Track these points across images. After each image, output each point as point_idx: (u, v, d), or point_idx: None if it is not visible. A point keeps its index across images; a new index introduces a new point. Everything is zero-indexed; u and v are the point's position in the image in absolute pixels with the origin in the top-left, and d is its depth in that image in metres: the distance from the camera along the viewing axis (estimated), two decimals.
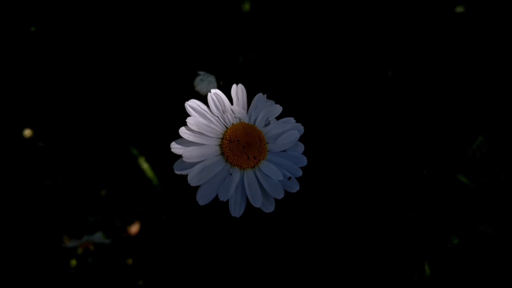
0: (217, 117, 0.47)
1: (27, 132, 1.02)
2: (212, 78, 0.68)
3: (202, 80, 0.68)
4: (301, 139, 1.01)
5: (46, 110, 1.08)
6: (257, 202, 0.45)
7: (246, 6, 1.05)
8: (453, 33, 1.03)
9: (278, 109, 0.48)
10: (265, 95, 0.48)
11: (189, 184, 0.44)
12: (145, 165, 1.06)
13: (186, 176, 0.45)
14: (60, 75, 1.08)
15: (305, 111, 1.05)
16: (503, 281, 0.88)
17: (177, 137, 0.45)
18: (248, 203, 0.46)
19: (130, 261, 1.04)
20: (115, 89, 1.10)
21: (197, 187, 0.44)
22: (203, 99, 0.56)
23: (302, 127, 0.47)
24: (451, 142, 0.98)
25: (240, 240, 0.99)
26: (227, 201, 0.45)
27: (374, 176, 1.01)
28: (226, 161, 0.47)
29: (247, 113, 0.48)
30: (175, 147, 0.45)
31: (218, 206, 0.46)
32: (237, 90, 0.49)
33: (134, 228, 1.06)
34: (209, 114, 0.47)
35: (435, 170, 0.98)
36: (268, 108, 0.48)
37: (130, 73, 1.09)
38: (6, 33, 1.03)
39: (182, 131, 0.45)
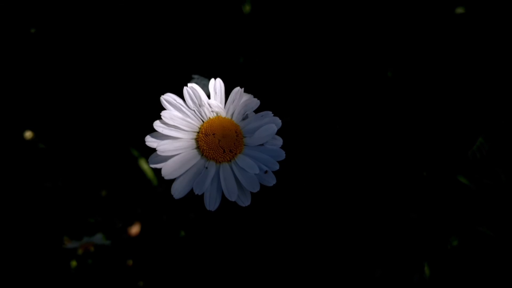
0: (193, 111, 0.47)
1: (28, 134, 1.03)
2: (206, 82, 0.68)
3: (197, 84, 0.68)
4: (301, 139, 1.01)
5: (47, 112, 1.09)
6: (232, 196, 0.44)
7: (247, 8, 1.05)
8: (453, 34, 1.02)
9: (256, 102, 0.48)
10: (243, 88, 0.48)
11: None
12: (145, 166, 1.07)
13: None
14: (60, 77, 1.09)
15: (304, 112, 1.05)
16: (503, 282, 0.87)
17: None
18: (224, 197, 0.45)
19: (130, 262, 1.04)
20: (115, 91, 1.11)
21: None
22: None
23: (280, 120, 0.47)
24: (451, 143, 0.97)
25: (237, 241, 0.98)
26: (203, 195, 0.45)
27: (374, 177, 1.00)
28: (202, 155, 0.47)
29: (224, 107, 0.48)
30: (150, 140, 0.45)
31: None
32: (215, 84, 0.49)
33: (135, 229, 1.06)
34: (185, 108, 0.47)
35: (435, 171, 0.97)
36: (245, 102, 0.47)
37: (130, 76, 1.10)
38: (6, 35, 1.04)
39: (157, 124, 0.45)
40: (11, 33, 1.04)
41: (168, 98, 0.46)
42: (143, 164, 1.09)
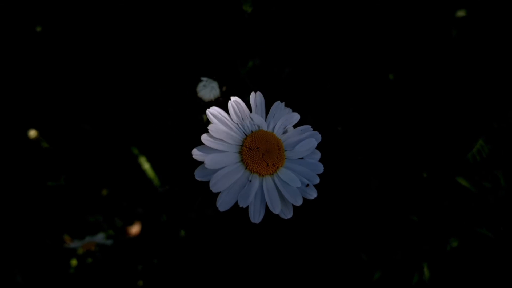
0: (237, 124, 0.48)
1: (32, 133, 1.02)
2: (215, 84, 0.68)
3: (205, 86, 0.68)
4: None
5: (51, 111, 1.08)
6: (276, 208, 0.45)
7: (248, 8, 1.05)
8: (454, 37, 1.04)
9: (296, 117, 0.49)
10: (283, 103, 0.48)
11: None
12: (146, 166, 1.07)
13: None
14: (64, 77, 1.08)
15: (309, 114, 1.06)
16: (502, 283, 0.90)
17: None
18: (267, 210, 0.46)
19: (130, 261, 1.04)
20: (118, 91, 1.10)
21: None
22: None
23: (320, 135, 0.48)
24: (451, 146, 0.99)
25: (236, 241, 0.99)
26: (246, 207, 0.46)
27: (375, 178, 1.02)
28: (246, 168, 0.47)
29: (265, 120, 0.49)
30: (197, 154, 0.46)
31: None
32: (256, 98, 0.49)
33: (135, 229, 1.06)
34: (229, 121, 0.47)
35: (435, 173, 0.99)
36: (286, 116, 0.48)
37: (133, 77, 1.09)
38: (12, 34, 1.02)
39: (204, 138, 0.46)
40: (17, 32, 1.02)
41: (214, 112, 0.47)
42: (144, 163, 1.08)
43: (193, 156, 0.46)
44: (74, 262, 0.99)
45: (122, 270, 1.02)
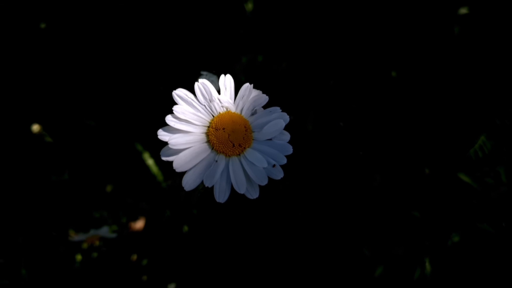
0: (204, 106, 0.48)
1: (35, 128, 1.04)
2: (214, 78, 0.69)
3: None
4: (305, 135, 1.02)
5: (55, 106, 1.10)
6: (241, 188, 0.46)
7: (249, 6, 1.06)
8: (456, 34, 1.03)
9: (264, 98, 0.49)
10: (252, 85, 0.49)
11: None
12: (150, 161, 1.08)
13: None
14: (68, 72, 1.10)
15: (309, 109, 1.06)
16: (503, 278, 0.88)
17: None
18: (233, 190, 0.47)
19: (134, 257, 1.05)
20: (122, 88, 1.12)
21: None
22: None
23: (288, 116, 0.49)
24: (453, 142, 0.98)
25: (238, 237, 0.99)
26: (213, 188, 0.46)
27: (378, 173, 1.01)
28: (212, 149, 0.48)
29: (234, 102, 0.50)
30: (162, 134, 0.47)
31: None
32: (225, 80, 0.50)
33: (139, 224, 1.07)
34: (196, 103, 0.48)
35: (437, 169, 0.98)
36: (254, 98, 0.49)
37: (137, 74, 1.11)
38: (16, 30, 1.05)
39: (169, 118, 0.47)
40: (21, 28, 1.05)
41: (179, 93, 0.48)
42: (147, 159, 1.10)
43: (158, 137, 0.46)
44: (79, 257, 1.00)
45: (126, 265, 1.03)
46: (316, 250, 1.00)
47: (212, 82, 0.68)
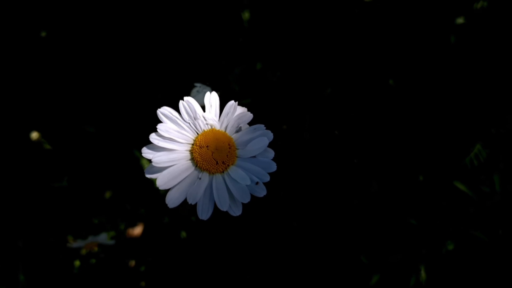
0: (189, 123, 0.49)
1: (34, 135, 1.05)
2: (208, 90, 0.70)
3: (199, 92, 0.70)
4: (298, 144, 1.02)
5: (53, 114, 1.11)
6: (224, 206, 0.46)
7: (246, 15, 1.07)
8: (453, 43, 1.03)
9: (249, 116, 0.50)
10: (237, 102, 0.50)
11: None
12: None
13: None
14: (67, 79, 1.11)
15: (305, 117, 1.06)
16: (496, 285, 0.89)
17: None
18: (216, 206, 0.47)
19: (132, 263, 1.05)
20: (120, 96, 1.13)
21: None
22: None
23: (272, 134, 0.49)
24: (449, 150, 0.98)
25: (235, 244, 1.00)
26: (196, 204, 0.47)
27: (374, 181, 1.01)
28: (196, 166, 0.49)
29: (218, 120, 0.50)
30: (146, 152, 0.47)
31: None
32: (210, 98, 0.51)
33: (137, 230, 1.08)
34: (181, 121, 0.49)
35: (434, 177, 0.98)
36: (238, 115, 0.49)
37: (135, 83, 1.12)
38: (16, 38, 1.06)
39: (152, 137, 0.47)
40: (22, 37, 1.06)
41: (164, 112, 0.48)
42: (145, 165, 1.10)
43: (142, 154, 0.47)
44: (77, 263, 1.01)
45: (124, 271, 1.04)
46: (313, 258, 1.00)
47: (205, 94, 0.68)
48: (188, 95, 0.71)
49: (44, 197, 1.08)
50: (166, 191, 0.48)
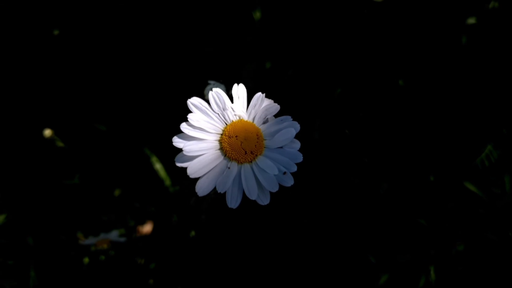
0: (218, 114, 0.50)
1: (47, 132, 1.06)
2: (222, 87, 0.70)
3: (212, 89, 0.70)
4: (311, 142, 1.03)
5: (66, 111, 1.12)
6: (253, 194, 0.47)
7: (257, 14, 1.08)
8: (464, 44, 1.04)
9: (276, 107, 0.51)
10: (264, 94, 0.50)
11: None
12: (158, 166, 1.09)
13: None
14: (80, 77, 1.12)
15: (316, 116, 1.07)
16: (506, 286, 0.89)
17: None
18: (244, 196, 0.48)
19: (142, 260, 1.05)
20: (131, 93, 1.13)
21: None
22: None
23: (298, 125, 0.50)
24: (460, 150, 0.99)
25: (245, 243, 1.00)
26: (225, 194, 0.48)
27: (384, 181, 1.02)
28: (225, 156, 0.49)
29: (246, 111, 0.51)
30: (177, 141, 0.48)
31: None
32: (238, 90, 0.52)
33: (147, 228, 1.08)
34: (210, 111, 0.50)
35: (444, 177, 0.99)
36: (266, 107, 0.50)
37: (148, 81, 1.12)
38: (30, 36, 1.07)
39: (183, 126, 0.48)
40: (35, 35, 1.06)
41: (194, 102, 0.49)
42: (155, 164, 1.11)
43: (173, 143, 0.48)
44: (86, 260, 1.01)
45: (134, 268, 1.04)
46: (322, 257, 1.01)
47: None
48: (202, 92, 0.72)
49: (55, 194, 1.08)
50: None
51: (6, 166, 1.07)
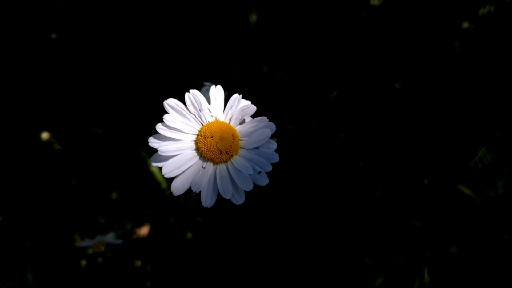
0: (194, 115, 0.51)
1: (45, 135, 1.07)
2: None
3: (208, 91, 0.71)
4: (307, 145, 1.03)
5: (63, 114, 1.13)
6: (227, 194, 0.48)
7: (253, 17, 1.08)
8: (457, 48, 1.04)
9: (252, 108, 0.51)
10: (241, 95, 0.51)
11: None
12: (154, 168, 1.10)
13: None
14: (77, 81, 1.13)
15: (311, 119, 1.07)
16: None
17: None
18: (220, 195, 0.49)
19: (139, 262, 1.06)
20: (128, 96, 1.14)
21: None
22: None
23: (274, 125, 0.50)
24: (454, 153, 0.99)
25: (241, 244, 1.01)
26: (200, 194, 0.48)
27: (379, 184, 1.02)
28: (200, 156, 0.50)
29: (223, 112, 0.52)
30: (152, 141, 0.49)
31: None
32: (216, 91, 0.52)
33: (144, 230, 1.08)
34: (186, 112, 0.50)
35: (439, 180, 0.99)
36: (243, 108, 0.51)
37: (143, 82, 1.13)
38: (28, 40, 1.08)
39: (159, 127, 0.49)
40: (33, 39, 1.08)
41: (170, 103, 0.50)
42: (152, 166, 1.11)
43: (149, 144, 0.49)
44: (83, 262, 1.02)
45: (131, 271, 1.05)
46: (317, 259, 1.01)
47: None
48: None
49: (52, 196, 1.09)
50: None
51: (3, 168, 1.08)
